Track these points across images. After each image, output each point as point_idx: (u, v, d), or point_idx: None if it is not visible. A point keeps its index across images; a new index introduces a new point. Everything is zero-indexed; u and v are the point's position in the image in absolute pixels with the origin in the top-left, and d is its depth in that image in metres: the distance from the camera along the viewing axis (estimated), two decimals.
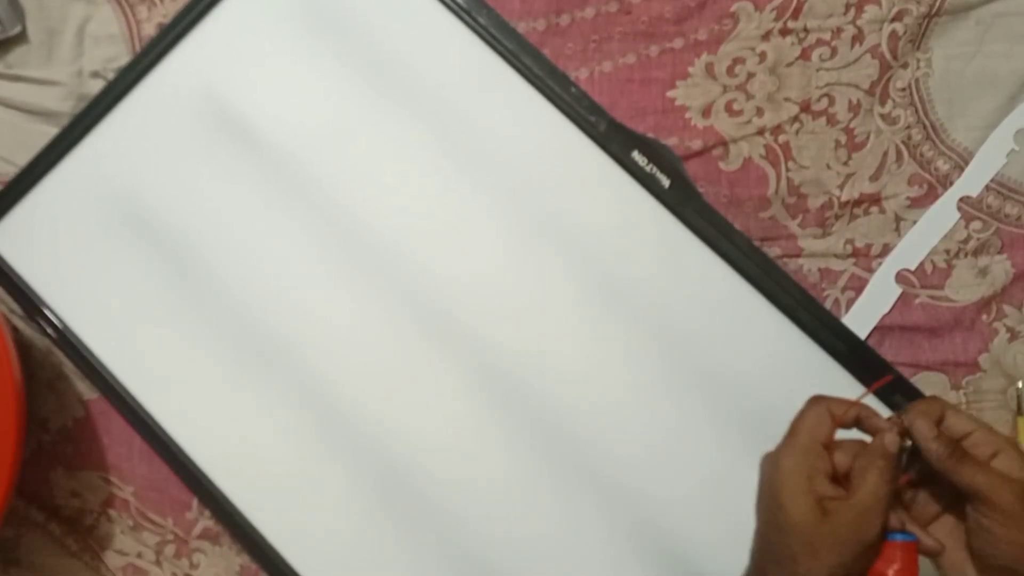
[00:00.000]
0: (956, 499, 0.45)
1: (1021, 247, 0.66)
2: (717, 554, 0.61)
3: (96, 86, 0.69)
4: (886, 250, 0.66)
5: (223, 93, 0.67)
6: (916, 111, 0.67)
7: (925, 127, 0.67)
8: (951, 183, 0.66)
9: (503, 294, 0.64)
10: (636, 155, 0.64)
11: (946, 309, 0.65)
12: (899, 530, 0.44)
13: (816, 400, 0.47)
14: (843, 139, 0.67)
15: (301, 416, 0.64)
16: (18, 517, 0.68)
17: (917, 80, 0.67)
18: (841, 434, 0.47)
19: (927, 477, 0.46)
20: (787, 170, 0.67)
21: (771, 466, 0.45)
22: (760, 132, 0.67)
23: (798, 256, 0.66)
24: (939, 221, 0.66)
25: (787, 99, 0.67)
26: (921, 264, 0.66)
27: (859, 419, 0.46)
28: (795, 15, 0.67)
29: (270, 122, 0.66)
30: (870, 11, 0.67)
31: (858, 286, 0.66)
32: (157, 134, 0.67)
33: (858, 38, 0.67)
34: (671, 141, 0.67)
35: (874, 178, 0.67)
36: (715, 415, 0.62)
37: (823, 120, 0.67)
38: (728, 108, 0.67)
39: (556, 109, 0.65)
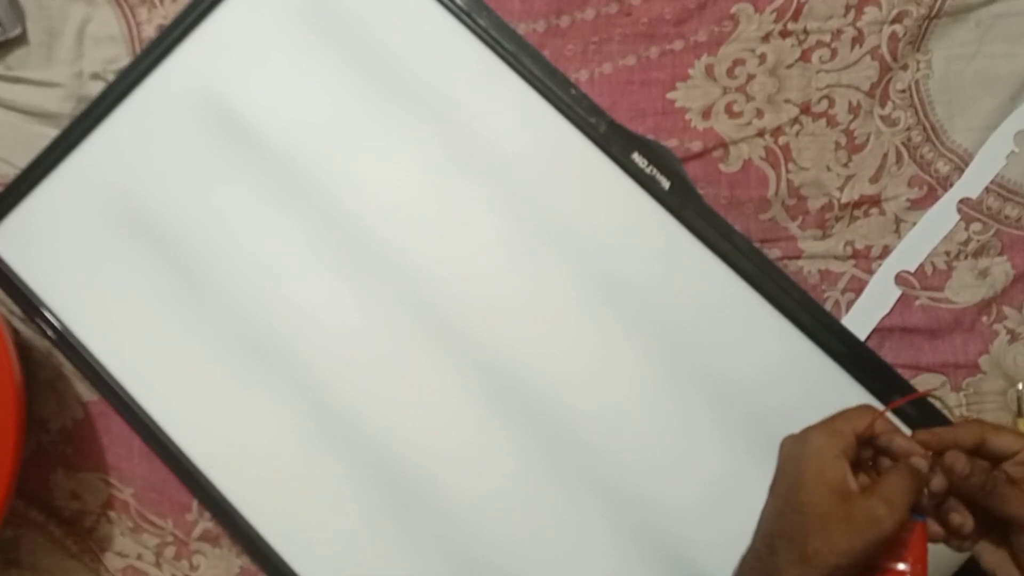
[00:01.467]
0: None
1: (1021, 249, 0.66)
2: (719, 555, 0.60)
3: (96, 87, 0.69)
4: (886, 252, 0.66)
5: (223, 94, 0.67)
6: (916, 113, 0.67)
7: (925, 129, 0.67)
8: (951, 185, 0.66)
9: (503, 295, 0.64)
10: (636, 156, 0.64)
11: (946, 311, 0.65)
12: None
13: (864, 406, 0.46)
14: (843, 141, 0.67)
15: (301, 416, 0.64)
16: (18, 518, 0.68)
17: (917, 82, 0.67)
18: None
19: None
20: (787, 172, 0.67)
21: (799, 441, 0.44)
22: (760, 134, 0.67)
23: (798, 258, 0.66)
24: (939, 223, 0.66)
25: (787, 101, 0.67)
26: (921, 266, 0.66)
27: (891, 438, 0.45)
28: (795, 17, 0.67)
29: (270, 123, 0.66)
30: (870, 13, 0.67)
31: (858, 288, 0.66)
32: (157, 135, 0.67)
33: (858, 40, 0.67)
34: (671, 143, 0.67)
35: (874, 180, 0.67)
36: (715, 415, 0.62)
37: (823, 122, 0.67)
38: (728, 110, 0.67)
39: (556, 110, 0.65)
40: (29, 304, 0.66)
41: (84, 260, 0.66)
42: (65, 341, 0.65)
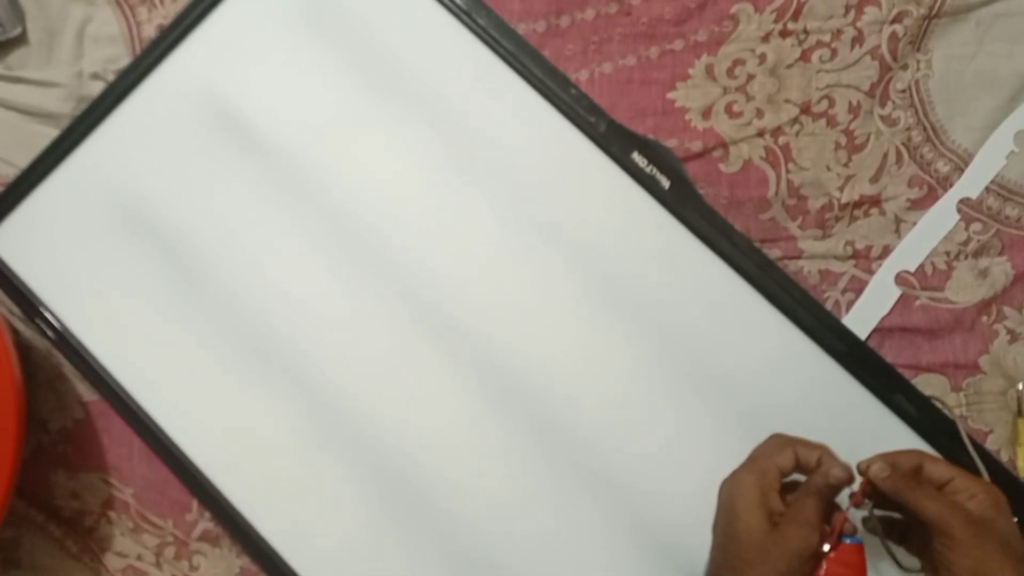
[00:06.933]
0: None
1: (1021, 249, 0.66)
2: None
3: (96, 87, 0.69)
4: (886, 252, 0.66)
5: (224, 94, 0.67)
6: (916, 112, 0.67)
7: (925, 128, 0.67)
8: (951, 185, 0.66)
9: (503, 294, 0.64)
10: (636, 156, 0.64)
11: (946, 311, 0.65)
12: (850, 534, 0.49)
13: (784, 440, 0.52)
14: (843, 141, 0.67)
15: (301, 416, 0.64)
16: (18, 518, 0.68)
17: (917, 81, 0.67)
18: None
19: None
20: (787, 172, 0.67)
21: (731, 482, 0.51)
22: (760, 134, 0.67)
23: (798, 258, 0.66)
24: (939, 223, 0.66)
25: (787, 101, 0.67)
26: (921, 266, 0.66)
27: (820, 461, 0.50)
28: (795, 17, 0.67)
29: (270, 122, 0.66)
30: (870, 13, 0.67)
31: (858, 288, 0.66)
32: (158, 135, 0.67)
33: (858, 40, 0.67)
34: (671, 142, 0.67)
35: (874, 180, 0.67)
36: (715, 414, 0.62)
37: (823, 122, 0.67)
38: (728, 110, 0.67)
39: (556, 110, 0.65)
40: (29, 304, 0.66)
41: (84, 260, 0.66)
42: (65, 341, 0.65)
